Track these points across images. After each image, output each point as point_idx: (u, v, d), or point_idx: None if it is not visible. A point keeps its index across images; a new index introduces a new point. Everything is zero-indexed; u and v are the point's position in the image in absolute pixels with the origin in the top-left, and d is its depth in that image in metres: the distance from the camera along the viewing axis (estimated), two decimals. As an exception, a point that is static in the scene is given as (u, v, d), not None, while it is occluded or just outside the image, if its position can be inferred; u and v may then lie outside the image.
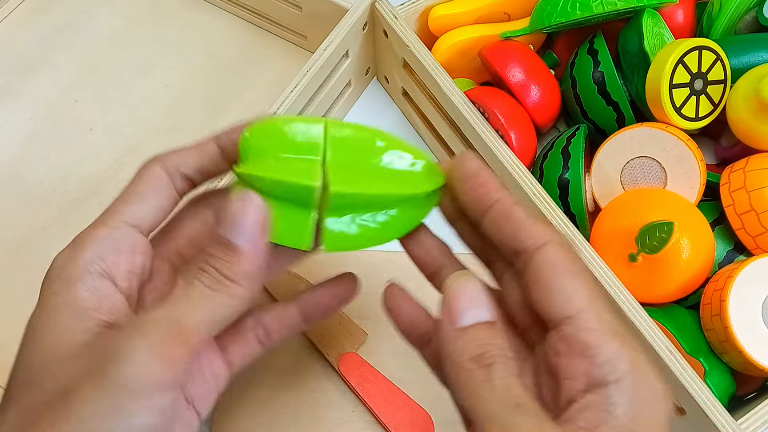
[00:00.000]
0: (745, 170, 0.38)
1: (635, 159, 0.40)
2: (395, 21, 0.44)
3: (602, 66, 0.42)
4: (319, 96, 0.45)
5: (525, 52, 0.44)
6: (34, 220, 0.48)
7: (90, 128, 0.51)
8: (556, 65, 0.47)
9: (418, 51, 0.42)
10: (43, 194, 0.49)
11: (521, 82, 0.43)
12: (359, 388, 0.39)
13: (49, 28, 0.56)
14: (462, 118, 0.41)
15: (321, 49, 0.42)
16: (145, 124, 0.51)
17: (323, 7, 0.46)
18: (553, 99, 0.44)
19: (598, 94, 0.42)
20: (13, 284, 0.45)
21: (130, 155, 0.50)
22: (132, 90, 0.53)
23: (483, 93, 0.43)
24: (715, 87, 0.40)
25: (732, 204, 0.38)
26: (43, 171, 0.50)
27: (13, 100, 0.52)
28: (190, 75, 0.53)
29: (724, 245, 0.39)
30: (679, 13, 0.45)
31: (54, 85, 0.53)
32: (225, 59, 0.54)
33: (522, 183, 0.39)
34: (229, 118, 0.51)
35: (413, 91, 0.47)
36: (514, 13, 0.48)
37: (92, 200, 0.48)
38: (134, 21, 0.56)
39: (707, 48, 0.39)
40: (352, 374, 0.40)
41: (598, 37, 0.43)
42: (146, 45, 0.55)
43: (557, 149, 0.43)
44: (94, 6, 0.57)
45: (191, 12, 0.56)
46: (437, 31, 0.47)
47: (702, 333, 0.37)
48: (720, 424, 0.33)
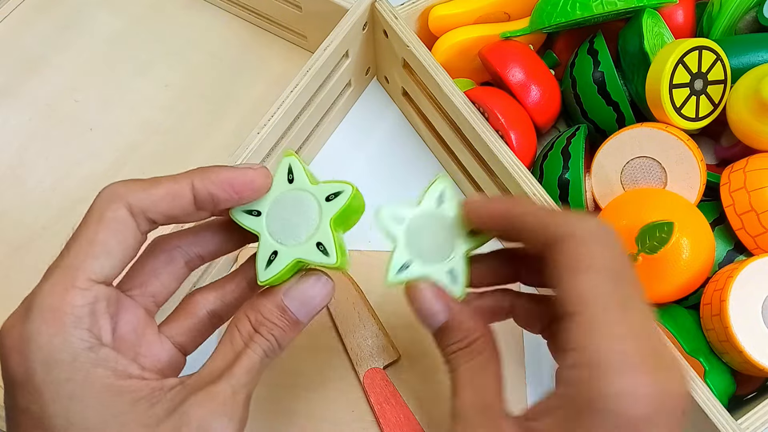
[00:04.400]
0: (745, 170, 0.38)
1: (635, 159, 0.40)
2: (395, 21, 0.44)
3: (602, 66, 0.42)
4: (319, 96, 0.45)
5: (525, 52, 0.44)
6: (34, 220, 0.48)
7: (90, 128, 0.51)
8: (556, 65, 0.47)
9: (418, 51, 0.42)
10: (43, 194, 0.49)
11: (521, 82, 0.43)
12: (377, 407, 0.39)
13: (49, 28, 0.56)
14: (462, 118, 0.41)
15: (321, 49, 0.42)
16: (145, 124, 0.51)
17: (323, 7, 0.46)
18: (553, 99, 0.44)
19: (598, 94, 0.42)
20: (13, 284, 0.45)
21: (130, 155, 0.50)
22: (132, 90, 0.53)
23: (483, 93, 0.43)
24: (715, 87, 0.40)
25: (732, 204, 0.38)
26: (43, 171, 0.50)
27: (13, 100, 0.52)
28: (190, 75, 0.53)
29: (724, 245, 0.39)
30: (679, 13, 0.45)
31: (54, 85, 0.53)
32: (225, 59, 0.54)
33: (522, 183, 0.39)
34: (228, 118, 0.51)
35: (413, 91, 0.47)
36: (514, 13, 0.48)
37: (92, 200, 0.48)
38: (134, 21, 0.56)
39: (707, 48, 0.39)
40: (374, 391, 0.39)
41: (598, 37, 0.43)
42: (146, 45, 0.55)
43: (557, 149, 0.43)
44: (94, 6, 0.57)
45: (191, 12, 0.56)
46: (437, 31, 0.47)
47: (702, 333, 0.37)
48: (720, 424, 0.32)
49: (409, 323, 0.42)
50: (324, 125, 0.48)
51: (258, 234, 0.26)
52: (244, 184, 0.26)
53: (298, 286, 0.26)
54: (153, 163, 0.50)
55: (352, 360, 0.41)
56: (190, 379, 0.24)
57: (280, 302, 0.26)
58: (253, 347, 0.25)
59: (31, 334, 0.22)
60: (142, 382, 0.23)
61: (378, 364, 0.40)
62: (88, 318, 0.22)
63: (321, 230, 0.26)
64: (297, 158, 0.27)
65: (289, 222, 0.26)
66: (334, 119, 0.50)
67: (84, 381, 0.22)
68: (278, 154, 0.43)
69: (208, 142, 0.50)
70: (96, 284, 0.23)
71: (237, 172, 0.26)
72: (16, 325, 0.22)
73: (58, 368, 0.21)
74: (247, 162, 0.39)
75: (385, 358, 0.40)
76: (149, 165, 0.50)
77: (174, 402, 0.23)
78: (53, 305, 0.22)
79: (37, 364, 0.21)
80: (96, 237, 0.23)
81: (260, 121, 0.40)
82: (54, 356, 0.21)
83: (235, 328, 0.26)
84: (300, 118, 0.44)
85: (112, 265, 0.24)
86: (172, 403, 0.23)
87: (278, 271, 0.26)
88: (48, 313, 0.22)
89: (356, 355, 0.41)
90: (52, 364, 0.21)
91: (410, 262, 0.27)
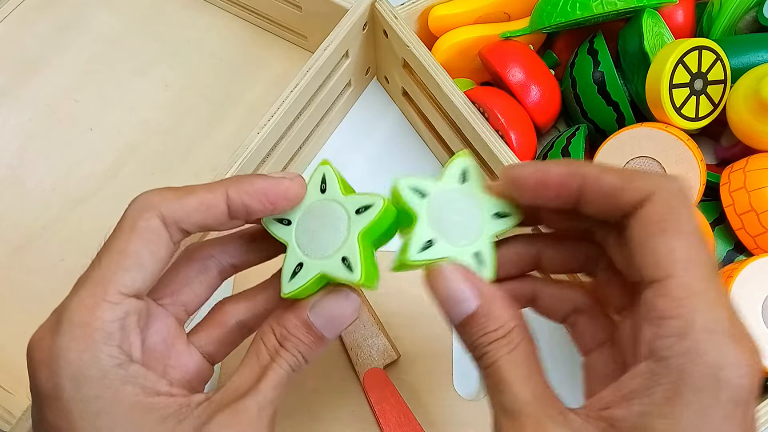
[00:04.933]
0: (745, 170, 0.38)
1: (635, 159, 0.40)
2: (395, 21, 0.44)
3: (602, 66, 0.42)
4: (319, 96, 0.45)
5: (525, 52, 0.44)
6: (34, 220, 0.48)
7: (90, 128, 0.51)
8: (556, 65, 0.47)
9: (418, 51, 0.42)
10: (43, 194, 0.49)
11: (521, 82, 0.43)
12: (377, 407, 0.39)
13: (49, 28, 0.56)
14: (462, 118, 0.41)
15: (321, 49, 0.42)
16: (145, 124, 0.51)
17: (323, 7, 0.46)
18: (553, 99, 0.44)
19: (598, 94, 0.42)
20: (13, 284, 0.45)
21: (130, 155, 0.50)
22: (132, 90, 0.53)
23: (483, 93, 0.43)
24: (715, 87, 0.40)
25: (732, 204, 0.38)
26: (43, 171, 0.50)
27: (13, 100, 0.52)
28: (190, 75, 0.53)
29: (724, 245, 0.39)
30: (679, 13, 0.45)
31: (54, 85, 0.53)
32: (225, 59, 0.54)
33: (522, 183, 0.39)
34: (229, 118, 0.51)
35: (413, 91, 0.47)
36: (514, 13, 0.48)
37: (92, 200, 0.48)
38: (134, 21, 0.56)
39: (707, 48, 0.39)
40: (374, 391, 0.39)
41: (598, 37, 0.43)
42: (146, 45, 0.55)
43: (557, 149, 0.43)
44: (94, 6, 0.57)
45: (191, 12, 0.56)
46: (437, 31, 0.47)
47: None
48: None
49: (409, 323, 0.42)
50: (324, 125, 0.48)
51: (286, 244, 0.26)
52: (279, 195, 0.25)
53: (323, 303, 0.25)
54: (153, 163, 0.50)
55: (352, 360, 0.41)
56: (216, 395, 0.24)
57: (305, 318, 0.25)
58: (279, 362, 0.24)
59: (61, 350, 0.21)
60: (170, 399, 0.23)
61: (378, 364, 0.40)
62: (118, 333, 0.22)
63: (348, 244, 0.24)
64: (332, 167, 0.26)
65: (317, 234, 0.25)
66: (334, 119, 0.50)
67: (113, 398, 0.21)
68: (278, 154, 0.43)
69: (208, 142, 0.50)
70: (127, 298, 0.23)
71: (272, 182, 0.25)
72: (46, 338, 0.22)
73: (87, 385, 0.21)
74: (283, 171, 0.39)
75: (385, 358, 0.40)
76: (149, 165, 0.50)
77: (201, 419, 0.22)
78: (83, 320, 0.22)
79: (66, 380, 0.21)
80: (128, 248, 0.23)
81: (260, 121, 0.40)
82: (83, 372, 0.21)
83: (261, 342, 0.25)
84: (300, 118, 0.44)
85: (144, 277, 0.23)
86: (198, 421, 0.22)
87: (301, 285, 0.24)
88: (78, 328, 0.21)
89: (356, 355, 0.41)
90: (81, 381, 0.21)
91: (435, 240, 0.25)
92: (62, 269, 0.46)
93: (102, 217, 0.47)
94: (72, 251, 0.46)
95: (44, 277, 0.45)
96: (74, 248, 0.46)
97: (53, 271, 0.46)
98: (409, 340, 0.42)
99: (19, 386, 0.41)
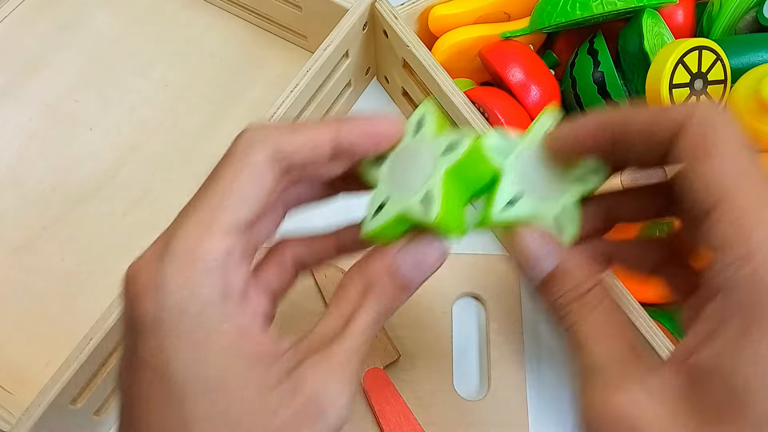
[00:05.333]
0: (745, 170, 0.38)
1: (635, 159, 0.40)
2: (395, 21, 0.44)
3: (602, 66, 0.42)
4: (319, 96, 0.45)
5: (525, 52, 0.44)
6: (34, 220, 0.48)
7: (90, 128, 0.51)
8: (556, 65, 0.47)
9: (418, 51, 0.42)
10: (43, 194, 0.49)
11: (521, 82, 0.43)
12: (377, 407, 0.39)
13: (49, 28, 0.56)
14: (462, 118, 0.41)
15: (321, 49, 0.42)
16: (145, 124, 0.51)
17: (323, 7, 0.46)
18: (553, 99, 0.44)
19: (598, 94, 0.42)
20: (13, 284, 0.45)
21: (130, 155, 0.50)
22: (132, 90, 0.53)
23: (483, 93, 0.43)
24: (715, 87, 0.40)
25: (732, 204, 0.38)
26: (43, 171, 0.50)
27: (13, 100, 0.52)
28: (190, 75, 0.53)
29: (724, 245, 0.39)
30: (679, 13, 0.45)
31: (54, 85, 0.53)
32: (225, 59, 0.54)
33: (522, 183, 0.39)
34: (228, 118, 0.51)
35: (413, 91, 0.47)
36: (514, 13, 0.48)
37: (92, 200, 0.48)
38: (134, 21, 0.56)
39: (707, 48, 0.39)
40: (374, 391, 0.39)
41: (598, 37, 0.43)
42: (146, 45, 0.55)
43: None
44: (94, 6, 0.57)
45: (191, 12, 0.56)
46: (437, 31, 0.47)
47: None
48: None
49: (409, 323, 0.42)
50: (324, 125, 0.48)
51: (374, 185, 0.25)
52: (381, 134, 0.24)
53: (407, 248, 0.24)
54: (153, 163, 0.50)
55: None
56: (303, 343, 0.23)
57: (390, 263, 0.24)
58: (366, 309, 0.23)
59: (165, 278, 0.20)
60: (261, 343, 0.22)
61: (378, 364, 0.40)
62: (220, 268, 0.21)
63: (429, 183, 0.23)
64: (431, 107, 0.25)
65: (404, 175, 0.24)
66: (334, 119, 0.50)
67: (207, 336, 0.20)
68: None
69: (208, 142, 0.50)
70: (230, 232, 0.21)
71: (373, 122, 0.24)
72: (150, 266, 0.21)
73: (186, 319, 0.20)
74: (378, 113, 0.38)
75: (385, 358, 0.40)
76: (149, 165, 0.50)
77: (290, 364, 0.22)
78: (190, 249, 0.20)
79: (166, 312, 0.20)
80: (234, 181, 0.22)
81: (260, 121, 0.40)
82: (183, 305, 0.20)
83: (345, 290, 0.24)
84: (300, 118, 0.44)
85: (247, 213, 0.22)
86: (288, 364, 0.22)
87: (380, 224, 0.24)
88: (185, 257, 0.20)
89: None
90: (180, 314, 0.20)
91: (520, 196, 0.24)
92: (62, 269, 0.46)
93: (102, 217, 0.47)
94: (72, 251, 0.46)
95: (44, 277, 0.45)
96: (74, 248, 0.46)
97: (53, 271, 0.46)
98: (409, 340, 0.42)
99: (19, 386, 0.41)
